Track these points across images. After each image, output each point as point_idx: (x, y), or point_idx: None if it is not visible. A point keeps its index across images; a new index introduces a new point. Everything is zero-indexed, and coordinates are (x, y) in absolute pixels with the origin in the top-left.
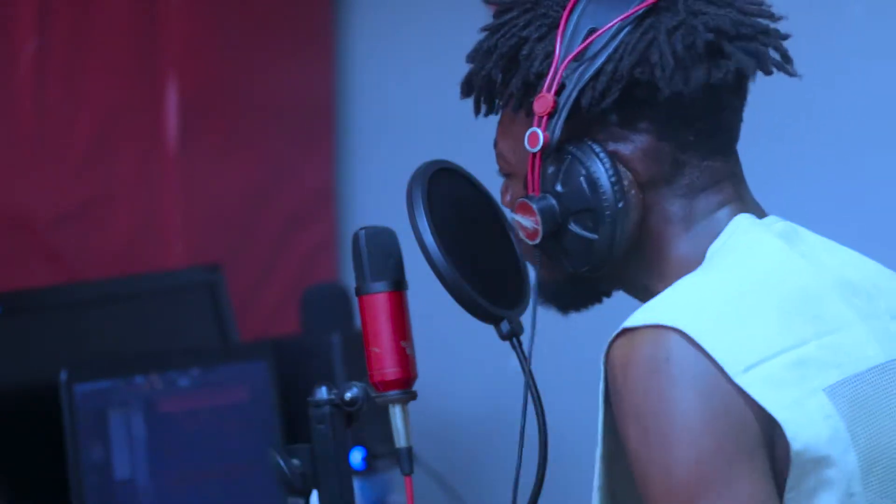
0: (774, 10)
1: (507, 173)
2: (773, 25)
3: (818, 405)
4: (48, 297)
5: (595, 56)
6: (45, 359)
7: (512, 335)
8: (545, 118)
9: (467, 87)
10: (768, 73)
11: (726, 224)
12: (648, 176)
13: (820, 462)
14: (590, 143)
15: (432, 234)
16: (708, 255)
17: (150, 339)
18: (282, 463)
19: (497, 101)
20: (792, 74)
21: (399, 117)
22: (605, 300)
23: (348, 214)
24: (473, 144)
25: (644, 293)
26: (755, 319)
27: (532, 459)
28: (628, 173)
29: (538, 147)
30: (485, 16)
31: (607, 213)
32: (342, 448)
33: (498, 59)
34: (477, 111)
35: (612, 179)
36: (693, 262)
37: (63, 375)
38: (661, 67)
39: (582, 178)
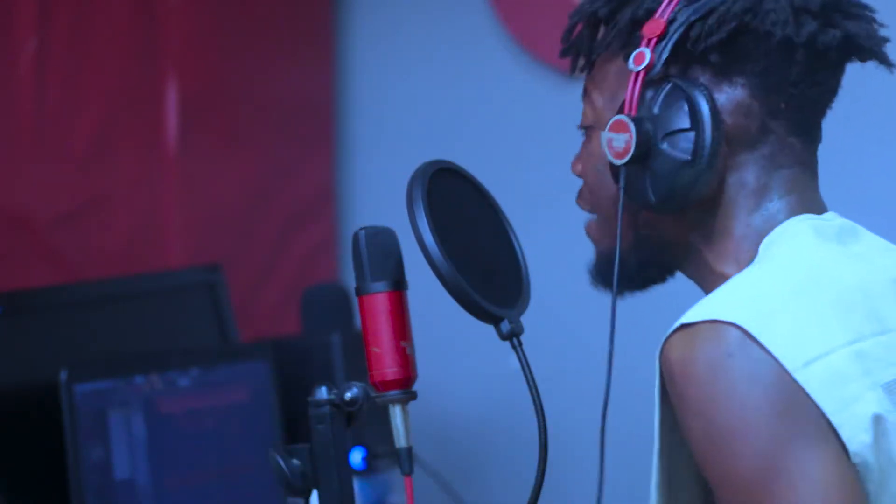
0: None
1: (588, 125)
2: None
3: (877, 400)
4: (48, 297)
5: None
6: (45, 359)
7: (512, 335)
8: (654, 41)
9: (568, 35)
10: (867, 56)
11: (784, 219)
12: (736, 132)
13: (876, 458)
14: (692, 78)
15: (432, 233)
16: (762, 247)
17: (150, 339)
18: (282, 463)
19: (595, 50)
20: (891, 67)
21: (399, 117)
22: (604, 298)
23: (348, 214)
24: (473, 144)
25: (704, 271)
26: (813, 314)
27: (532, 459)
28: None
29: (642, 66)
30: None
31: (704, 137)
32: (342, 448)
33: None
34: (574, 65)
35: (713, 112)
36: (750, 247)
37: (63, 375)
38: (775, 12)
39: (683, 105)
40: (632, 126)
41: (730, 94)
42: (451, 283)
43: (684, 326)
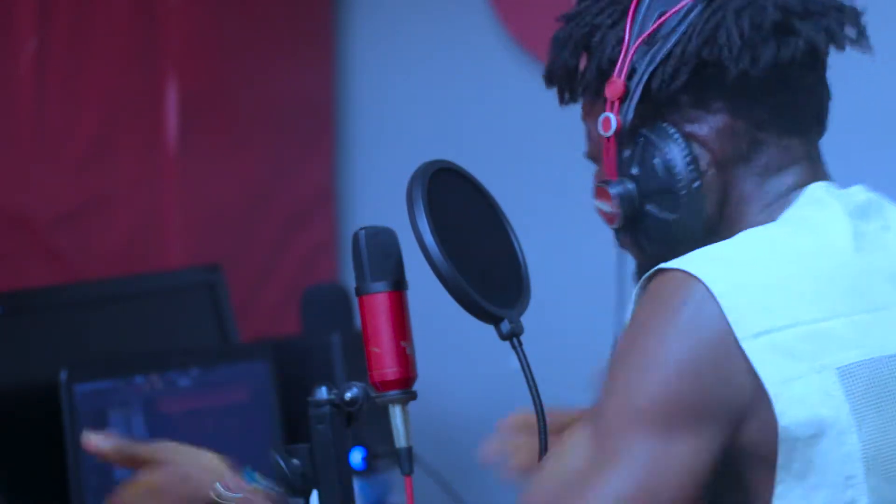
0: None
1: (592, 157)
2: (846, 3)
3: (822, 383)
4: (48, 297)
5: (665, 38)
6: (45, 359)
7: (512, 335)
8: (617, 103)
9: (548, 77)
10: (841, 48)
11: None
12: (726, 155)
13: (809, 441)
14: (663, 125)
15: (432, 233)
16: (780, 218)
17: (150, 339)
18: (282, 463)
19: (576, 90)
20: (867, 51)
21: (399, 117)
22: (605, 301)
23: (348, 214)
24: (473, 144)
25: None
26: (786, 286)
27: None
28: (706, 154)
29: (611, 132)
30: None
31: (683, 192)
32: (342, 448)
33: (573, 48)
34: (561, 100)
35: (687, 160)
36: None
37: (63, 375)
38: (727, 48)
39: (657, 160)
40: (613, 195)
41: (711, 123)
42: (451, 283)
43: (660, 271)
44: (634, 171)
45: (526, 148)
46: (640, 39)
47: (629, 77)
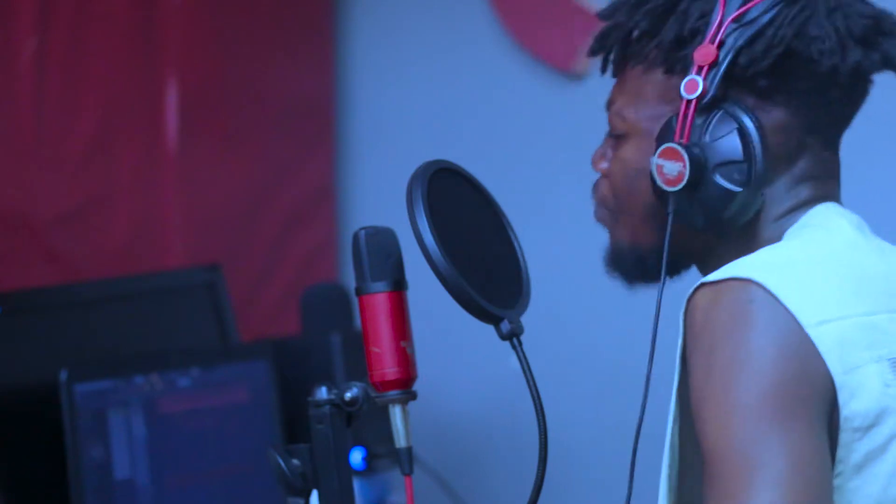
0: None
1: (621, 133)
2: None
3: (880, 372)
4: (48, 297)
5: (754, 21)
6: (45, 359)
7: (512, 335)
8: (706, 68)
9: (601, 40)
10: None
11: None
12: (775, 149)
13: (867, 432)
14: (740, 103)
15: (432, 233)
16: (786, 235)
17: (150, 339)
18: (282, 463)
19: (629, 59)
20: None
21: (399, 117)
22: (605, 300)
23: (348, 214)
24: (473, 144)
25: (718, 266)
26: (831, 283)
27: (532, 459)
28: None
29: (695, 94)
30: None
31: (757, 167)
32: (342, 448)
33: (649, 12)
34: (604, 68)
35: (763, 140)
36: (774, 241)
37: (63, 375)
38: (821, 40)
39: (734, 133)
40: (685, 155)
41: (771, 114)
42: (451, 283)
43: (707, 284)
44: (706, 138)
45: (526, 148)
46: (733, 16)
47: (718, 48)
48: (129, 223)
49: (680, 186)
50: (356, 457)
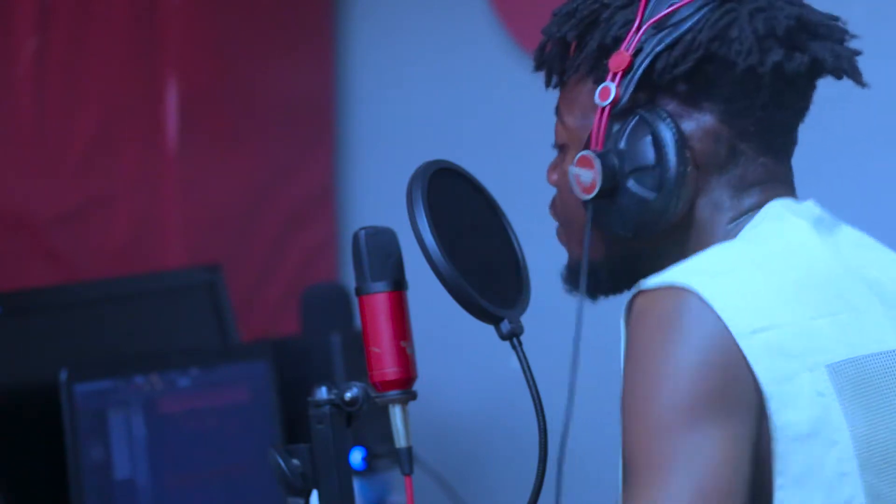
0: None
1: (562, 144)
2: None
3: (814, 381)
4: (48, 297)
5: (676, 26)
6: (45, 359)
7: (512, 335)
8: (619, 75)
9: (538, 54)
10: (840, 75)
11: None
12: (705, 157)
13: (804, 442)
14: (657, 109)
15: (432, 233)
16: (739, 236)
17: (150, 339)
18: (282, 463)
19: (566, 71)
20: (863, 85)
21: (399, 117)
22: (604, 301)
23: (348, 214)
24: (473, 144)
25: None
26: (770, 287)
27: (532, 459)
28: (687, 150)
29: (608, 101)
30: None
31: (669, 172)
32: (342, 448)
33: (577, 22)
34: (548, 81)
35: (678, 144)
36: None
37: (63, 375)
38: (739, 42)
39: (648, 138)
40: (597, 163)
41: (698, 121)
42: (451, 283)
43: (644, 291)
44: (622, 145)
45: (526, 148)
46: (651, 21)
47: (635, 55)
48: (129, 223)
49: (594, 194)
50: (356, 457)
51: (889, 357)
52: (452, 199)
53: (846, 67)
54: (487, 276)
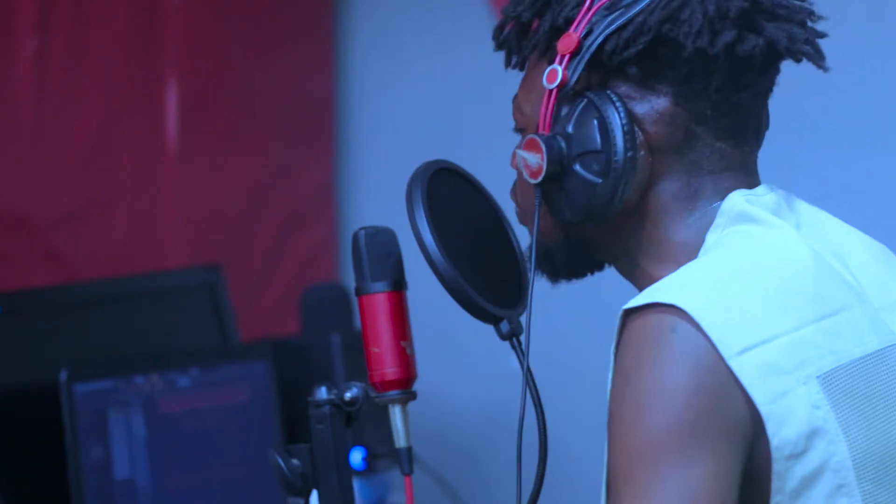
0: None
1: (520, 127)
2: (810, 24)
3: (808, 394)
4: (48, 297)
5: (627, 7)
6: (45, 359)
7: (512, 335)
8: (567, 57)
9: (499, 32)
10: (798, 58)
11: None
12: (659, 140)
13: (800, 458)
14: (607, 91)
15: (432, 233)
16: (707, 241)
17: (150, 339)
18: (282, 463)
19: (522, 51)
20: (823, 69)
21: (399, 117)
22: (603, 301)
23: (348, 214)
24: (473, 144)
25: (639, 275)
26: (754, 301)
27: (532, 459)
28: (640, 133)
29: (555, 84)
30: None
31: (615, 157)
32: (342, 448)
33: (532, 2)
34: (507, 62)
35: (626, 128)
36: (693, 248)
37: (63, 375)
38: (689, 24)
39: (595, 121)
40: (543, 147)
41: (652, 103)
42: (450, 283)
43: (631, 311)
44: (569, 129)
45: None
46: (602, 2)
47: (584, 37)
48: (129, 223)
49: (540, 179)
50: (356, 457)
51: (872, 361)
52: (452, 199)
53: (804, 50)
54: (487, 276)
